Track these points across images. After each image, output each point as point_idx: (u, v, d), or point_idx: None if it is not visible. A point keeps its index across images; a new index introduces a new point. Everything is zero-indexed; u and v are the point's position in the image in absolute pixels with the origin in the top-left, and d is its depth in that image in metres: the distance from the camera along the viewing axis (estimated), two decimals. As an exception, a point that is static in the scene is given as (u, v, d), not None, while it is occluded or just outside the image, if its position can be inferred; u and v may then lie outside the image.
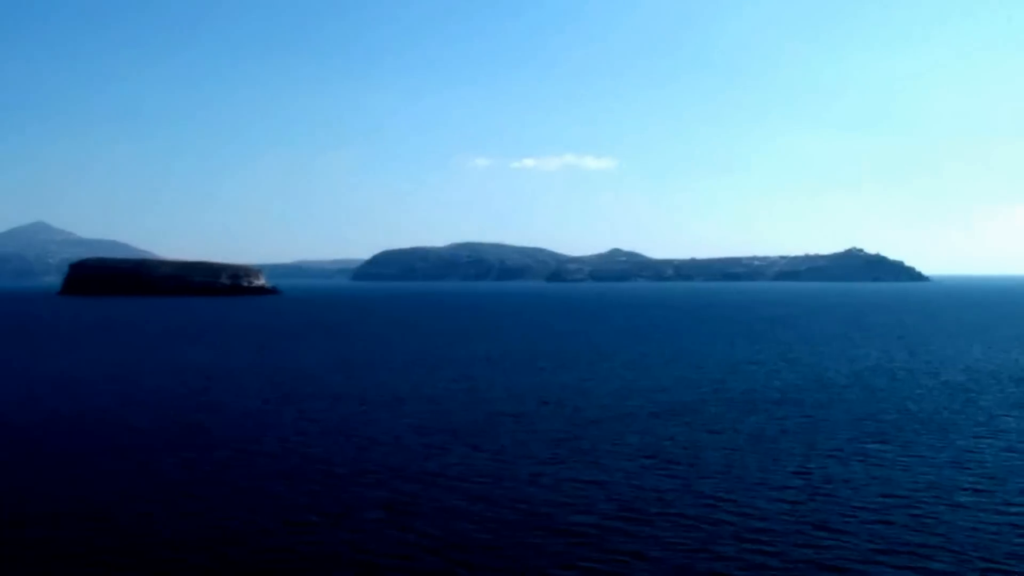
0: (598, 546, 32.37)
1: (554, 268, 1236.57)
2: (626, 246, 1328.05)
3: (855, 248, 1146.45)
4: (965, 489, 40.18)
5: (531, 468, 44.69)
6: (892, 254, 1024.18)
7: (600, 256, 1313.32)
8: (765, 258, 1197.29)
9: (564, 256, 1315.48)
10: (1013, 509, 36.71)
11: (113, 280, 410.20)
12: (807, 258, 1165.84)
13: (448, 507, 37.25)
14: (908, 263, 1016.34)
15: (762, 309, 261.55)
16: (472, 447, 50.10)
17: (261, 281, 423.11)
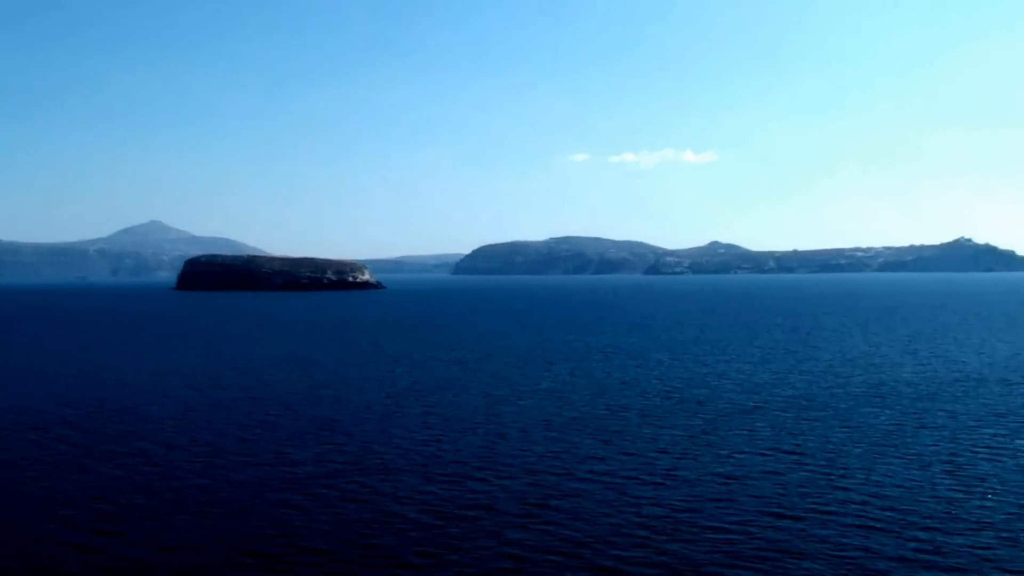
0: (748, 544, 31.09)
1: (653, 261, 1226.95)
2: (725, 238, 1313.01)
3: (963, 238, 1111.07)
4: None
5: (666, 464, 43.45)
6: (1002, 243, 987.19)
7: (699, 249, 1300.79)
8: (869, 249, 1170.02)
9: (663, 249, 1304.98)
10: None
11: (225, 276, 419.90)
12: (912, 248, 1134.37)
13: (586, 506, 36.25)
14: (1021, 252, 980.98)
15: (873, 300, 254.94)
16: (602, 442, 49.02)
17: (366, 276, 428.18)
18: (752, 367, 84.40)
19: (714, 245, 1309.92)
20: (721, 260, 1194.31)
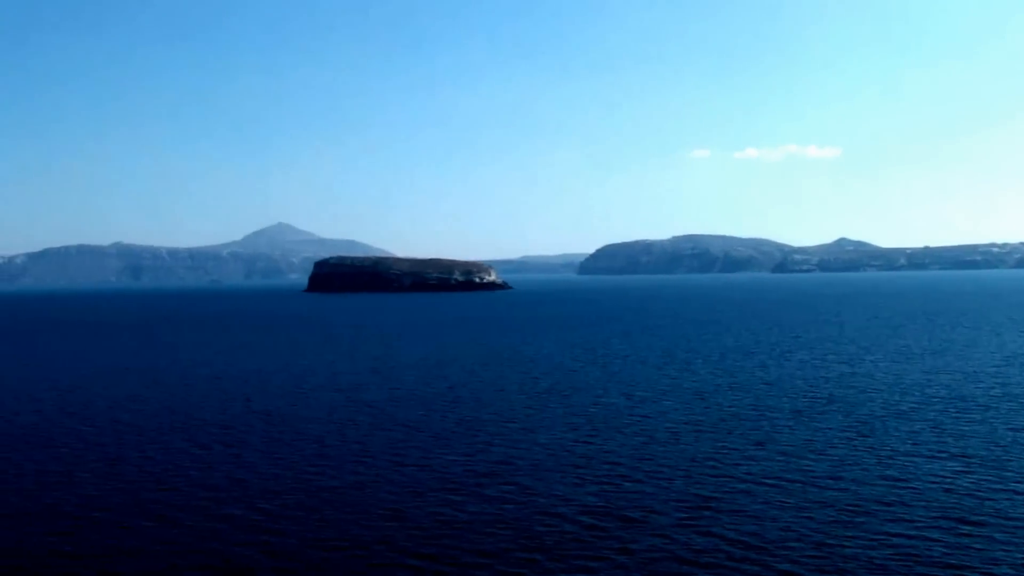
0: (931, 551, 29.71)
1: (779, 259, 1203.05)
2: (853, 235, 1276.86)
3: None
4: None
5: (826, 467, 41.99)
6: None
7: (827, 246, 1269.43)
8: (1005, 244, 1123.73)
9: (789, 247, 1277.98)
10: None
11: (354, 278, 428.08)
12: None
13: (748, 508, 35.20)
14: None
15: (1018, 297, 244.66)
16: (755, 443, 47.81)
17: (492, 277, 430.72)
18: (900, 367, 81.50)
19: (842, 242, 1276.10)
20: (850, 257, 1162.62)
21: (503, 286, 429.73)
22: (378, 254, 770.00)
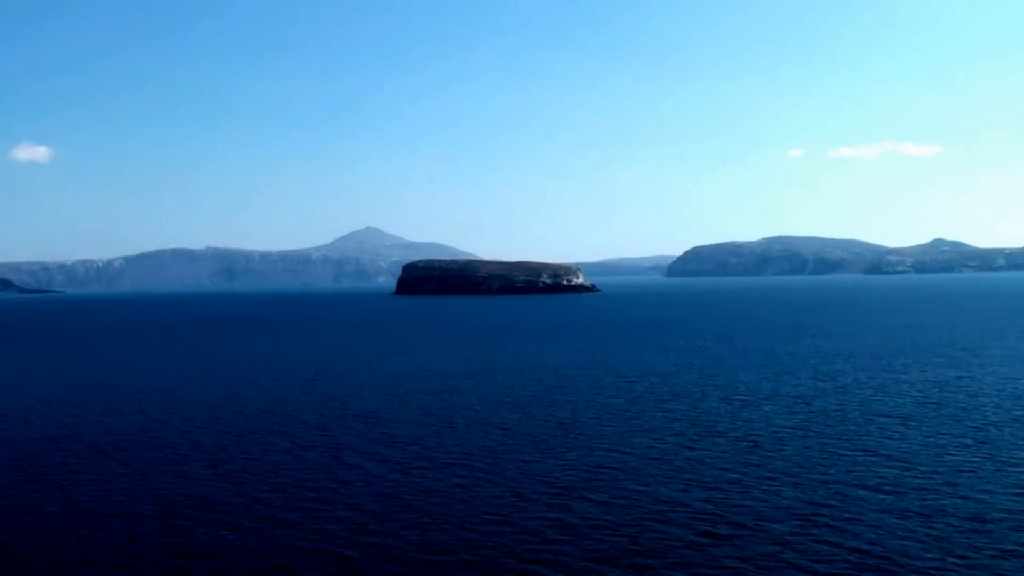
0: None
1: (873, 260, 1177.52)
2: (950, 235, 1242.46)
3: None
4: None
5: (943, 474, 40.49)
6: None
7: (922, 247, 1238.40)
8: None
9: (883, 247, 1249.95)
10: None
11: (441, 281, 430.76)
12: None
13: (864, 516, 34.05)
14: None
15: None
16: (864, 450, 46.38)
17: (580, 279, 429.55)
18: (1009, 370, 78.70)
19: (937, 242, 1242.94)
20: (946, 258, 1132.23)
21: (591, 289, 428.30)
22: (464, 257, 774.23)
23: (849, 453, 45.84)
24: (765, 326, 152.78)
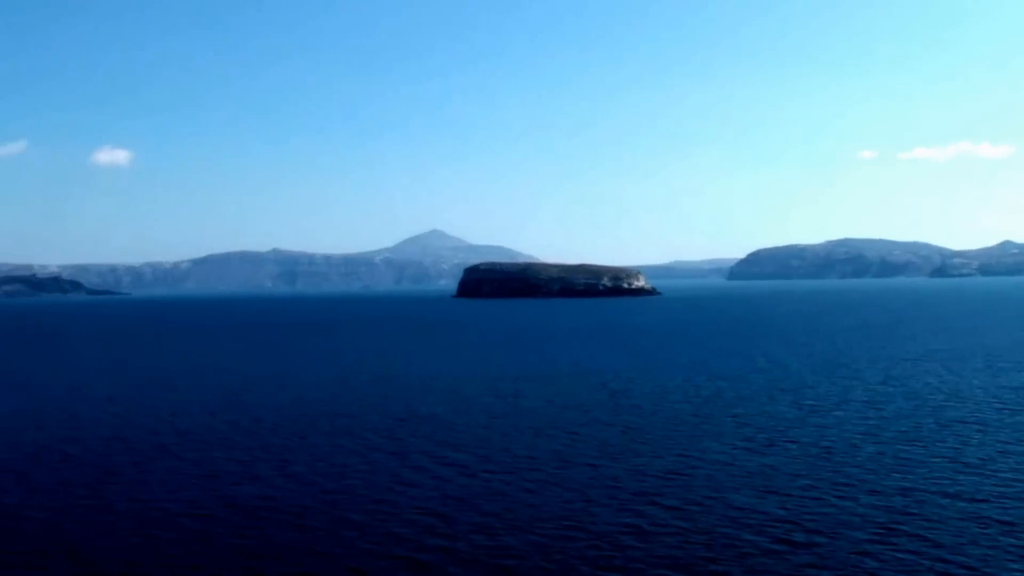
0: None
1: (938, 264, 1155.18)
2: (1019, 238, 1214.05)
3: None
4: None
5: (1026, 485, 39.38)
6: None
7: (989, 249, 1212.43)
8: None
9: (949, 250, 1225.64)
10: None
11: (502, 283, 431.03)
12: None
13: (943, 527, 33.02)
14: None
15: None
16: (940, 458, 45.09)
17: (641, 282, 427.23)
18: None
19: (1006, 245, 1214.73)
20: (1015, 261, 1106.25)
21: (652, 292, 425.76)
22: (525, 260, 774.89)
23: (926, 460, 44.73)
24: (830, 329, 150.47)
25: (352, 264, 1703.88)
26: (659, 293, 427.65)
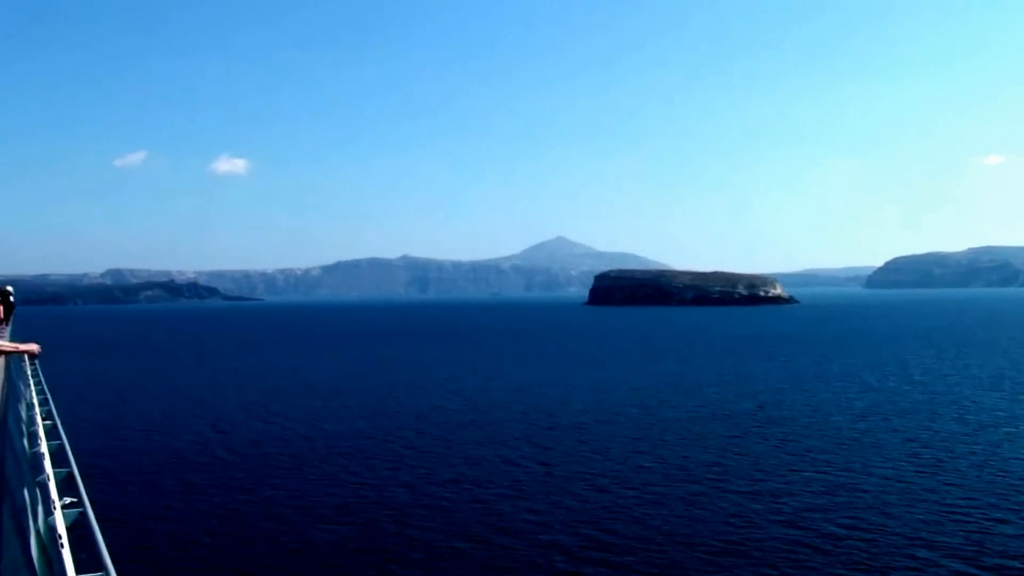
0: None
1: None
2: None
3: None
4: None
5: None
6: None
7: None
8: None
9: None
10: None
11: (634, 291, 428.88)
12: None
13: None
14: None
15: None
16: None
17: (778, 290, 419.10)
18: None
19: None
20: None
21: (789, 300, 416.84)
22: (655, 267, 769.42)
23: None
24: (984, 341, 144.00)
25: (481, 271, 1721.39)
26: (797, 302, 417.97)
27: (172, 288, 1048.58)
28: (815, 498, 40.30)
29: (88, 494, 7.79)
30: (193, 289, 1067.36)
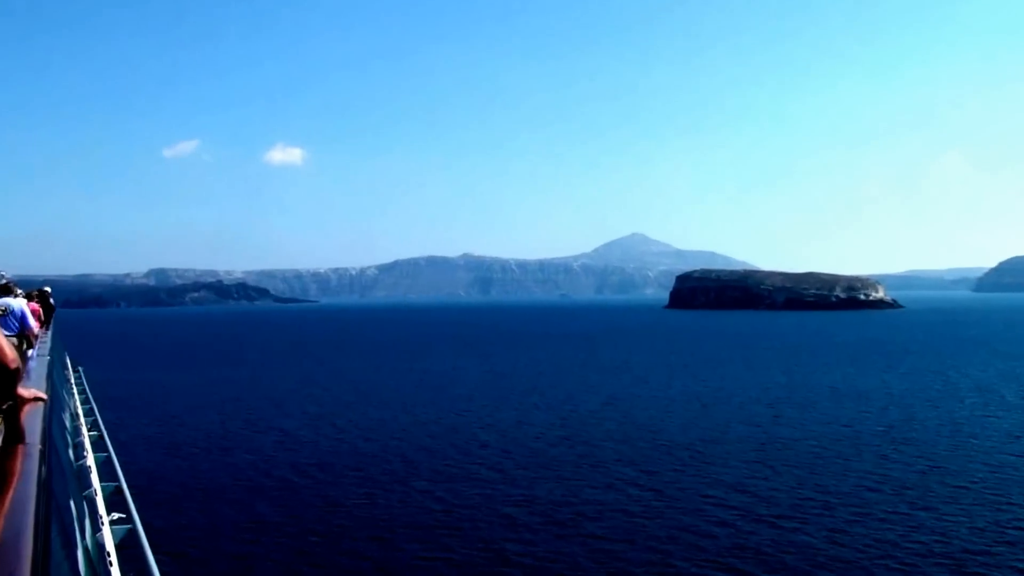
0: None
1: None
2: None
3: None
4: None
5: None
6: None
7: None
8: None
9: None
10: None
11: (719, 293, 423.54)
12: None
13: None
14: None
15: None
16: None
17: (880, 294, 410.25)
18: None
19: None
20: None
21: (892, 304, 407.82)
22: (741, 267, 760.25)
23: None
24: None
25: (548, 270, 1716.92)
26: (901, 306, 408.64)
27: (220, 289, 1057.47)
28: (977, 536, 37.15)
29: (137, 510, 8.02)
30: (242, 290, 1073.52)
